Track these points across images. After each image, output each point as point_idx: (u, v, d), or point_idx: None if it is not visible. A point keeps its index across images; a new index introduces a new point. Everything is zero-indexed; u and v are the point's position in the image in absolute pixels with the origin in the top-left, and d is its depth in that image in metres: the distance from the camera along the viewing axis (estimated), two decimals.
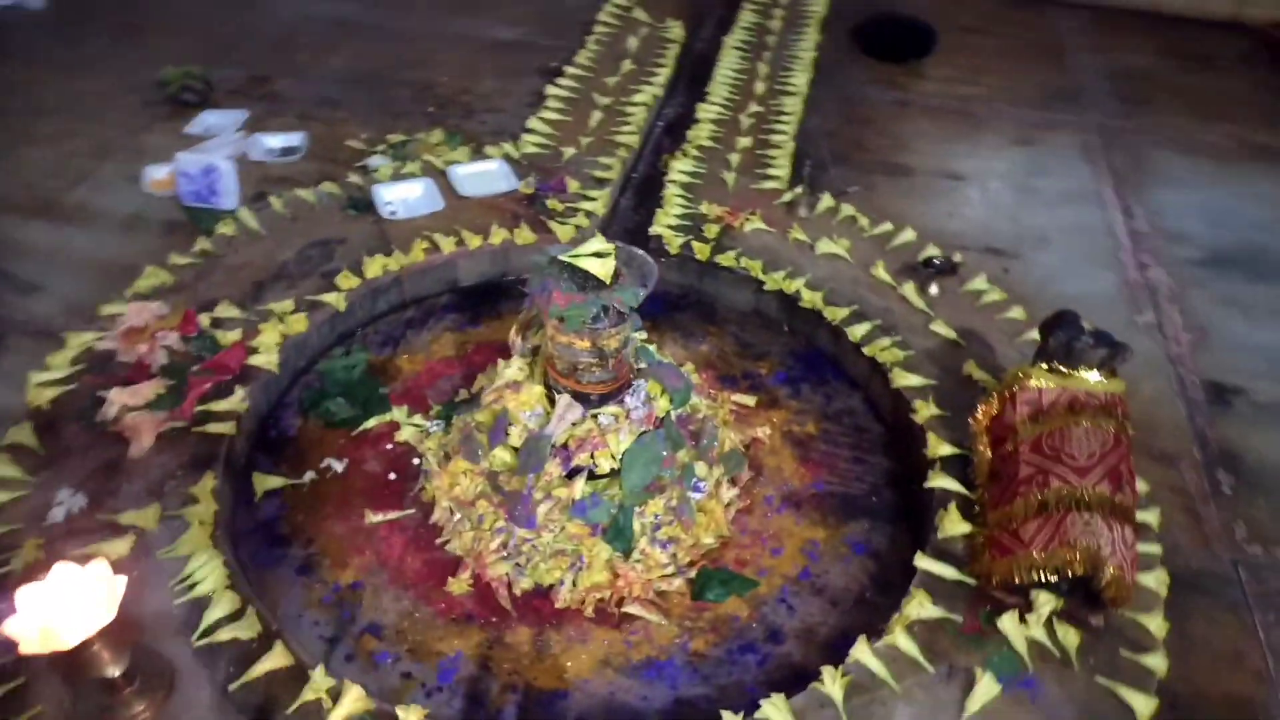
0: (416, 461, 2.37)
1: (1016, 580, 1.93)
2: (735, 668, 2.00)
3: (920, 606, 1.95)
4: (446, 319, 2.84)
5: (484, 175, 3.12)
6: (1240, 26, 5.21)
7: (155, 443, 2.15)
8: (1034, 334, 2.63)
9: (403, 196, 3.01)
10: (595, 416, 2.14)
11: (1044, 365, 2.13)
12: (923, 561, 2.05)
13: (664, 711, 1.91)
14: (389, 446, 2.41)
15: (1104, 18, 5.21)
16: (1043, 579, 1.91)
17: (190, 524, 1.98)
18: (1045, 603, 1.94)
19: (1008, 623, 1.92)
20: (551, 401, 2.16)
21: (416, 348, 2.73)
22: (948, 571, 2.03)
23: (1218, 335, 3.05)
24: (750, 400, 2.59)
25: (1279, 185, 3.86)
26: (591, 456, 2.11)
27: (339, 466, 2.34)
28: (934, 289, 2.79)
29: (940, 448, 2.29)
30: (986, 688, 1.81)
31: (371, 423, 2.44)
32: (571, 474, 2.12)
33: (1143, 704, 1.82)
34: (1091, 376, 2.09)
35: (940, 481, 2.21)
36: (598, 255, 2.02)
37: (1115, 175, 3.83)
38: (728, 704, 1.90)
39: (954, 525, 2.11)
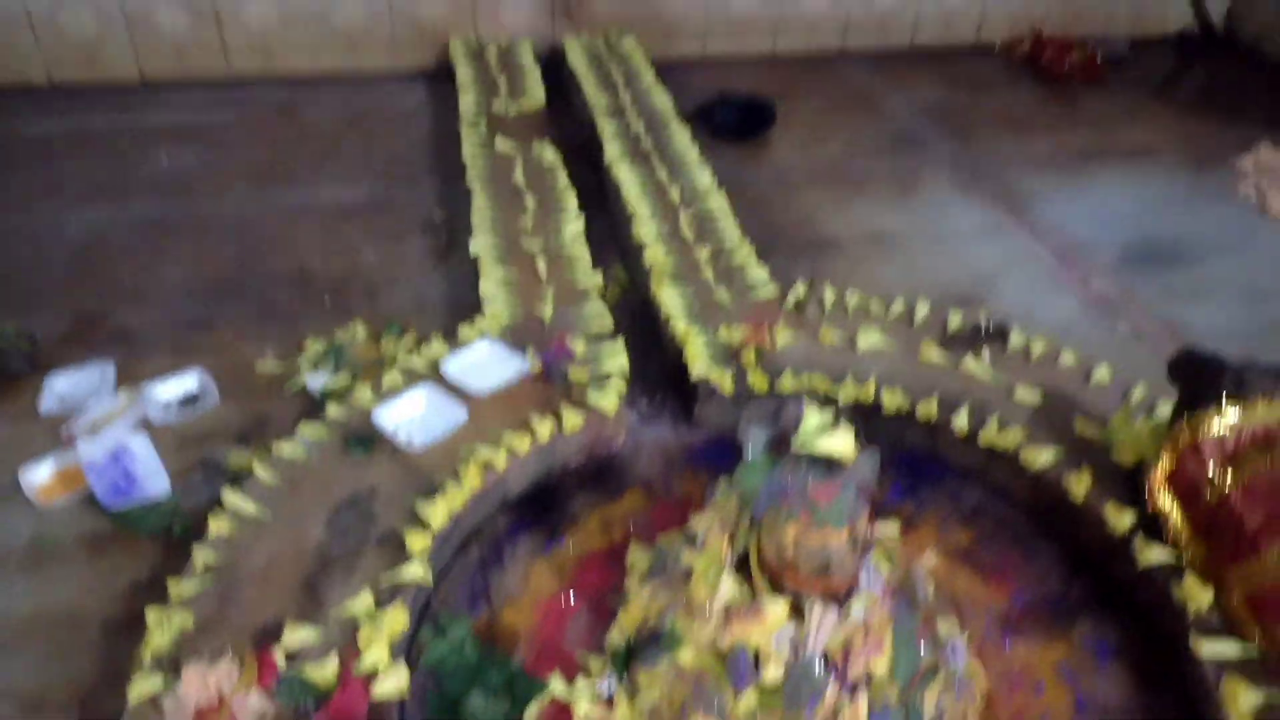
0: None
1: None
2: None
3: (1246, 696, 1.83)
4: (519, 544, 2.37)
5: (487, 364, 2.63)
6: (986, 50, 5.84)
7: None
8: (1102, 375, 2.69)
9: (406, 417, 2.47)
10: (848, 615, 1.83)
11: (1217, 408, 2.12)
12: (1208, 647, 1.94)
13: None
14: None
15: (885, 63, 5.61)
16: None
17: None
18: None
19: None
20: (797, 613, 1.82)
21: (512, 593, 2.24)
22: (1230, 650, 1.94)
23: (1182, 325, 3.29)
24: (894, 528, 2.38)
25: (1120, 179, 4.33)
26: (867, 663, 1.80)
27: None
28: (985, 357, 2.75)
29: (1124, 518, 2.22)
30: None
31: (533, 711, 1.94)
32: (850, 691, 1.79)
33: None
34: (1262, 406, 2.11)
35: (1155, 554, 2.13)
36: (821, 429, 1.74)
37: (1000, 204, 4.08)
38: None
39: (1200, 595, 2.03)
